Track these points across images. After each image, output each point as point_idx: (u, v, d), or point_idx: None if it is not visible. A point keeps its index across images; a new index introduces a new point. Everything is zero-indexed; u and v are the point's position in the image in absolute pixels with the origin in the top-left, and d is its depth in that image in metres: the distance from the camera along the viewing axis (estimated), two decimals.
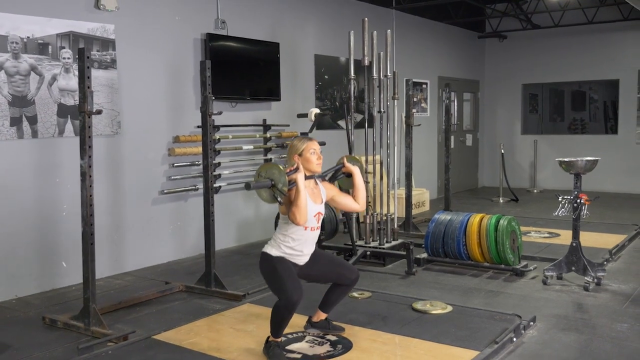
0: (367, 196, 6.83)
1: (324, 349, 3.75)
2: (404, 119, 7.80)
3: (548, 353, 3.72)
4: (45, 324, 4.40)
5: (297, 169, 3.51)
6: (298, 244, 3.61)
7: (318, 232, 3.72)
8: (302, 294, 3.50)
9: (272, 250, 3.63)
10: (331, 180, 3.95)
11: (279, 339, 3.62)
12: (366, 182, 3.96)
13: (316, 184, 3.74)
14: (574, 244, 5.13)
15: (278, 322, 3.55)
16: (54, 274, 5.38)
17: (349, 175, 3.93)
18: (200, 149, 5.72)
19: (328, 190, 3.81)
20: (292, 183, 3.47)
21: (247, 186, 3.39)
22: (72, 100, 5.43)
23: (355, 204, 3.86)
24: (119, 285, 5.48)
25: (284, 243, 3.61)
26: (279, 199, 3.42)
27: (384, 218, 6.33)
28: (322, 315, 3.97)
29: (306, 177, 3.57)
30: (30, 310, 4.79)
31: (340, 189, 4.00)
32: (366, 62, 6.16)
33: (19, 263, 5.14)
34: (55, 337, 4.15)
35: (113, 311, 4.66)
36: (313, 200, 3.61)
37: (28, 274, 5.21)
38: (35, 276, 5.25)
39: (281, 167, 3.43)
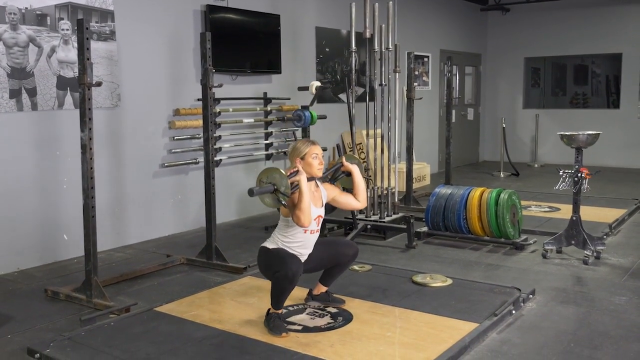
0: (368, 169, 6.85)
1: (325, 320, 3.78)
2: (405, 93, 7.76)
3: (547, 325, 3.75)
4: (48, 296, 4.43)
5: (297, 172, 3.52)
6: (297, 246, 3.65)
7: (317, 234, 3.75)
8: (302, 267, 3.54)
9: (270, 245, 3.67)
10: (331, 180, 3.97)
11: (280, 311, 3.65)
12: (367, 179, 3.98)
13: (317, 186, 3.76)
14: (574, 218, 5.14)
15: (278, 294, 3.57)
16: (55, 246, 5.40)
17: (349, 174, 3.95)
18: (200, 122, 5.71)
19: (329, 192, 3.84)
20: (295, 185, 3.48)
21: (250, 192, 3.40)
22: (71, 73, 5.39)
23: (356, 202, 3.89)
24: (121, 258, 5.51)
25: (284, 244, 3.63)
26: (283, 202, 3.42)
27: (385, 192, 6.34)
28: (323, 288, 4.00)
29: (307, 179, 3.59)
30: (33, 282, 4.82)
31: (342, 188, 4.02)
32: (367, 35, 6.11)
33: (20, 236, 5.16)
34: (57, 309, 4.18)
35: (115, 284, 4.68)
36: (314, 204, 3.62)
37: (30, 246, 5.23)
38: (37, 249, 5.27)
39: (282, 171, 3.43)
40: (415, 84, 7.92)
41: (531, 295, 4.21)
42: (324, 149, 3.83)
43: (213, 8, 6.53)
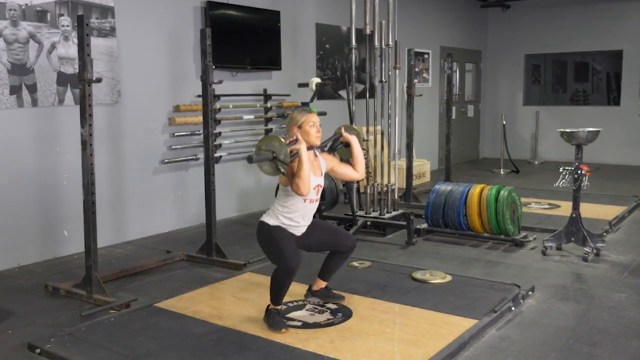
0: (368, 167, 6.85)
1: (324, 317, 3.78)
2: (405, 89, 7.76)
3: (546, 322, 3.76)
4: (48, 292, 4.44)
5: (296, 140, 3.51)
6: (296, 216, 3.63)
7: (317, 204, 3.73)
8: (300, 260, 3.53)
9: (269, 219, 3.64)
10: (330, 151, 3.95)
11: (279, 307, 3.66)
12: (364, 150, 3.98)
13: (315, 155, 3.74)
14: (574, 215, 5.14)
15: (278, 289, 3.58)
16: (55, 242, 5.40)
17: (347, 144, 3.92)
18: (200, 119, 5.71)
19: (327, 162, 3.82)
20: (294, 154, 3.47)
21: (249, 160, 3.39)
22: (71, 69, 5.39)
23: (355, 172, 3.87)
24: (121, 254, 5.51)
25: (282, 214, 3.62)
26: (282, 170, 3.42)
27: (385, 188, 6.34)
28: (322, 284, 4.00)
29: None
30: (33, 278, 4.82)
31: (340, 159, 4.01)
32: (368, 31, 6.11)
33: (21, 232, 5.17)
34: (57, 305, 4.19)
35: (115, 279, 4.69)
36: (313, 173, 3.61)
37: (30, 242, 5.23)
38: (37, 245, 5.28)
39: (281, 139, 3.42)
40: (416, 80, 7.92)
41: (530, 292, 4.22)
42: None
43: (213, 4, 6.52)
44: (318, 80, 6.42)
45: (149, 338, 3.50)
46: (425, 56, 10.70)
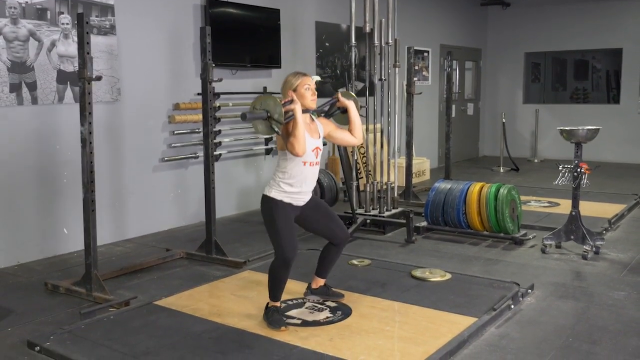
0: (367, 164, 6.86)
1: (324, 315, 3.79)
2: (405, 87, 7.75)
3: (545, 320, 3.76)
4: (48, 290, 4.44)
5: (292, 101, 3.46)
6: (297, 181, 3.56)
7: (317, 168, 3.66)
8: (296, 252, 3.51)
9: (272, 192, 3.58)
10: (326, 116, 3.89)
11: (279, 304, 3.66)
12: (362, 117, 3.95)
13: (312, 119, 3.69)
14: (574, 213, 5.14)
15: (276, 283, 3.58)
16: (55, 240, 5.41)
17: (344, 111, 3.87)
18: (200, 117, 5.71)
19: (325, 126, 3.75)
20: (290, 115, 3.43)
21: (243, 117, 3.34)
22: (71, 67, 5.39)
23: (352, 138, 3.82)
24: (120, 252, 5.51)
25: (283, 180, 3.56)
26: (276, 129, 3.37)
27: (384, 187, 6.34)
28: (321, 282, 4.00)
29: (302, 111, 3.52)
30: (33, 276, 4.83)
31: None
32: (367, 29, 6.10)
33: (20, 229, 5.17)
34: (57, 303, 4.19)
35: (114, 277, 4.69)
36: (310, 135, 3.56)
37: (30, 240, 5.24)
38: (37, 242, 5.28)
39: (277, 99, 3.39)
40: (415, 78, 7.92)
41: (530, 290, 4.22)
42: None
43: (213, 2, 6.52)
44: (318, 78, 6.36)
45: (149, 336, 3.51)
46: (425, 54, 10.70)
